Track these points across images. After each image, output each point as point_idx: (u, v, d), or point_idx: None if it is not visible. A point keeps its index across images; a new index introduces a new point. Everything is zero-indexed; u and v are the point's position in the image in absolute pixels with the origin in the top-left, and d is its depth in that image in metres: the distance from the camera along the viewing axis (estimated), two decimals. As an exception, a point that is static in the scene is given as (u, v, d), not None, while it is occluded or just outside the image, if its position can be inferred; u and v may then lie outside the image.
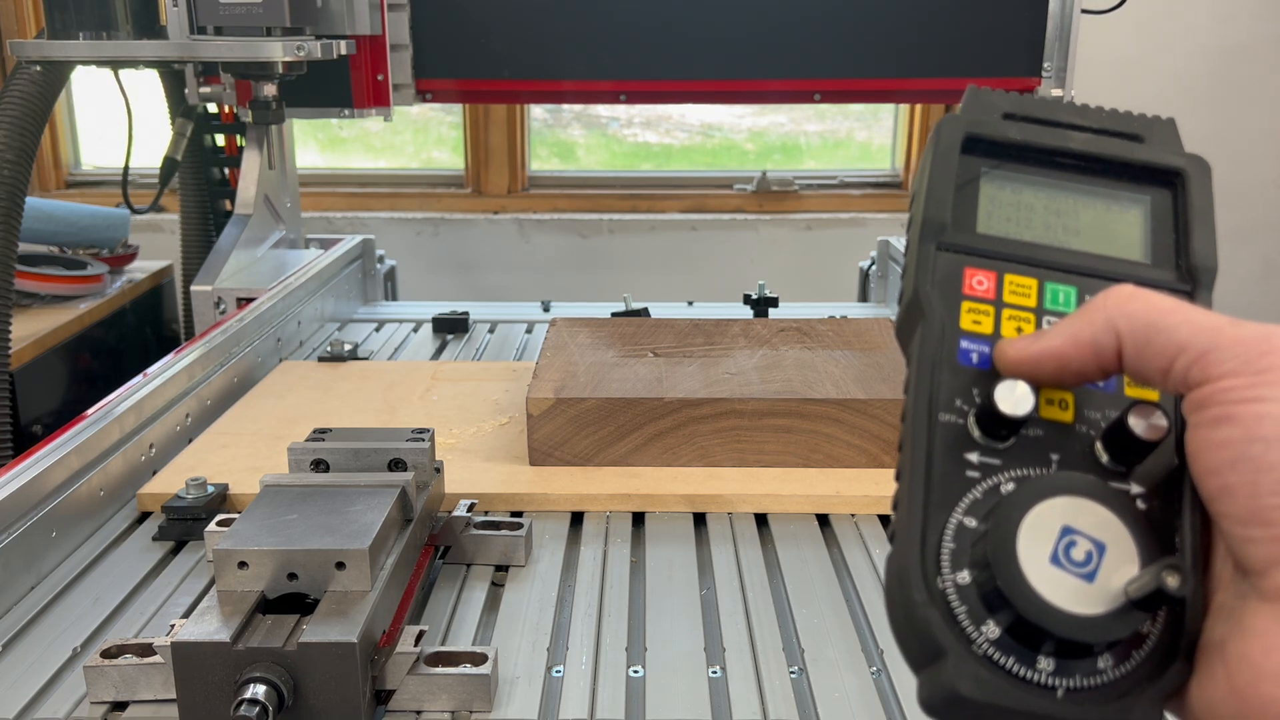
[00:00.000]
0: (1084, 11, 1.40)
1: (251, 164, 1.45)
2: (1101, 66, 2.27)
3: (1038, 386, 0.33)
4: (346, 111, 1.40)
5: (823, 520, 0.82)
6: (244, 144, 1.47)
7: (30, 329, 1.49)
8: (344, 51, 1.31)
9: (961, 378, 0.34)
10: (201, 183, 1.62)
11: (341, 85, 1.39)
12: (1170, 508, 0.33)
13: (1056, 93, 1.35)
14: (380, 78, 1.39)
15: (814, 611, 0.69)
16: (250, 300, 1.24)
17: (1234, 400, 0.28)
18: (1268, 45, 2.60)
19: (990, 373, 0.34)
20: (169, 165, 1.52)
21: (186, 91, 1.35)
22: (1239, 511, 0.28)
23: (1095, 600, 0.30)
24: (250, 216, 1.42)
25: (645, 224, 2.76)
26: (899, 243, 1.48)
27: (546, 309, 1.49)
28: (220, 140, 1.62)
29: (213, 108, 1.57)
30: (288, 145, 1.56)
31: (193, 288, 1.31)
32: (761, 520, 0.82)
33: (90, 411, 0.87)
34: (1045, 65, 1.39)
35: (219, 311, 1.30)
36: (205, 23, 1.20)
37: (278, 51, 1.18)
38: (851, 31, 1.42)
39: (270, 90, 1.30)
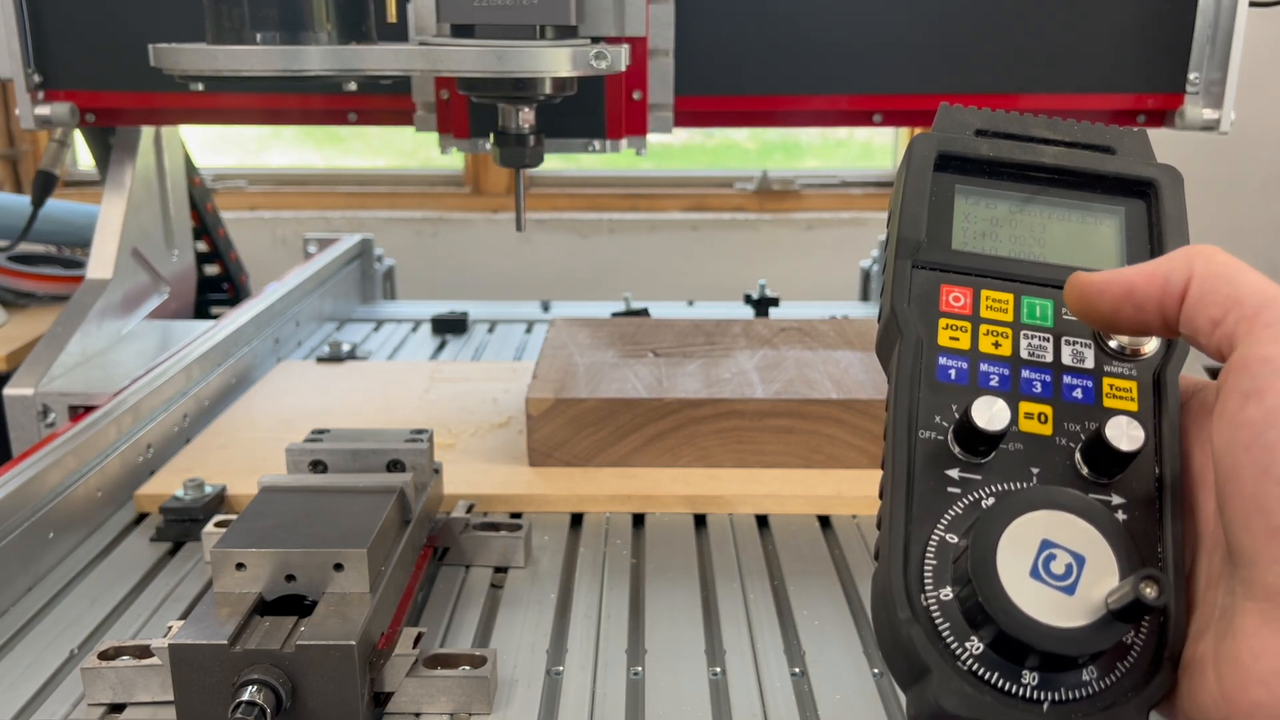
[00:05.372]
0: (1252, 4, 1.07)
1: (112, 211, 1.08)
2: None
3: (1102, 327, 0.34)
4: (596, 144, 0.98)
5: (824, 521, 0.82)
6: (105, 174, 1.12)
7: (28, 328, 1.48)
8: (626, 61, 0.84)
9: (940, 394, 0.35)
10: None
11: (586, 108, 0.96)
12: (1152, 518, 0.33)
13: (1208, 113, 1.03)
14: (637, 96, 0.97)
15: (815, 613, 0.69)
16: (91, 409, 0.89)
17: (1271, 373, 0.29)
18: (1268, 45, 2.60)
19: (969, 389, 0.35)
20: (43, 180, 1.21)
21: (17, 113, 0.99)
22: (1243, 493, 0.28)
23: (1076, 613, 0.30)
24: (108, 282, 1.07)
25: (645, 223, 2.76)
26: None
27: (546, 309, 1.49)
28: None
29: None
30: (171, 175, 1.19)
31: (6, 392, 0.96)
32: (762, 521, 0.82)
33: (87, 411, 0.87)
34: (1192, 77, 1.07)
35: (46, 425, 0.97)
36: (450, 20, 0.79)
37: (565, 63, 0.76)
38: (925, 38, 1.02)
39: (527, 118, 0.87)
